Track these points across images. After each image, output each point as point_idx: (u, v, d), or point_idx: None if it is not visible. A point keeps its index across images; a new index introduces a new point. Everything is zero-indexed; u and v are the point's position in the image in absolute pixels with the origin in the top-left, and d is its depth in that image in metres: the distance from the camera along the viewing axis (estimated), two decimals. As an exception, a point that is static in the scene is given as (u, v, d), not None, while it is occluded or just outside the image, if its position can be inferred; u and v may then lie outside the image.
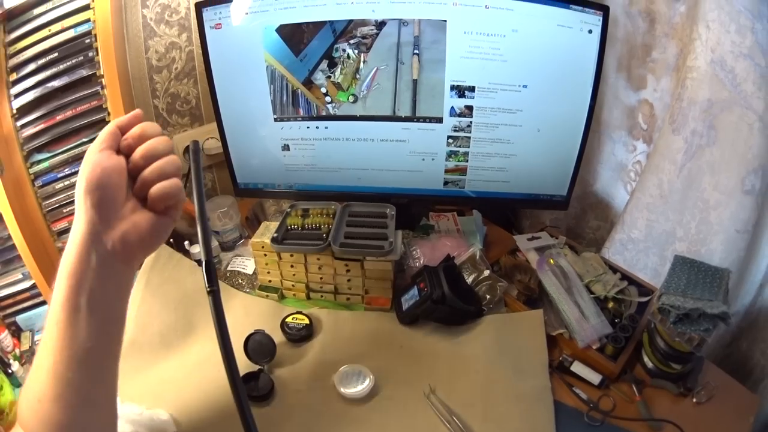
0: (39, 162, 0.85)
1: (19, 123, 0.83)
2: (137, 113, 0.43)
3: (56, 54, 0.82)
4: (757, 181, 0.73)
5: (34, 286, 0.88)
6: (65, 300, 0.38)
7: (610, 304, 0.76)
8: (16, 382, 0.75)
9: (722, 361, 0.78)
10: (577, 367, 0.69)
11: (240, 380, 0.35)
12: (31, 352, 0.82)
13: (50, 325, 0.38)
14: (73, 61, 0.82)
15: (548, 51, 0.73)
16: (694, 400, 0.65)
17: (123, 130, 0.41)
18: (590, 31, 0.72)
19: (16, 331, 0.87)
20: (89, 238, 0.38)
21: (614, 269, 0.81)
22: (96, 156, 0.39)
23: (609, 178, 0.97)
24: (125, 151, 0.41)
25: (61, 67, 0.82)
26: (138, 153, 0.40)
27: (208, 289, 0.36)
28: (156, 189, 0.40)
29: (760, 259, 0.79)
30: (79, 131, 0.84)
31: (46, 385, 0.38)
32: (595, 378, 0.67)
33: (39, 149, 0.85)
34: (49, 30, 0.82)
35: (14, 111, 0.82)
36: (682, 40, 0.80)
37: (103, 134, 0.41)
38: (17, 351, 0.82)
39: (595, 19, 0.72)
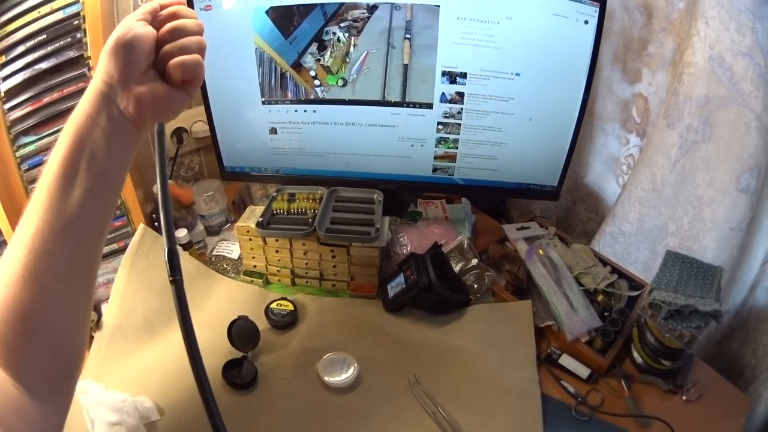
0: (25, 145, 0.83)
1: (6, 106, 0.82)
2: None
3: (44, 36, 0.81)
4: (753, 180, 0.72)
5: (19, 271, 0.87)
6: (64, 158, 0.36)
7: (600, 297, 0.75)
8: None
9: (712, 360, 0.78)
10: (566, 360, 0.68)
11: (205, 374, 0.34)
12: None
13: (40, 187, 0.37)
14: (61, 42, 0.80)
15: (543, 40, 0.72)
16: (684, 397, 0.65)
17: (163, 7, 0.42)
18: (586, 22, 0.72)
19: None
20: (104, 94, 0.38)
21: (604, 262, 0.81)
22: (131, 22, 0.39)
23: (601, 170, 0.97)
24: (158, 27, 0.41)
25: (49, 48, 0.81)
26: (166, 27, 0.40)
27: (171, 279, 0.34)
28: (175, 60, 0.39)
29: (753, 259, 0.79)
30: (66, 113, 0.82)
31: (18, 264, 0.35)
32: (583, 372, 0.67)
33: (26, 132, 0.84)
34: (38, 12, 0.81)
35: (2, 93, 0.81)
36: (680, 35, 0.79)
37: (144, 7, 0.41)
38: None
39: (591, 10, 0.71)
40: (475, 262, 0.76)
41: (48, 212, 0.36)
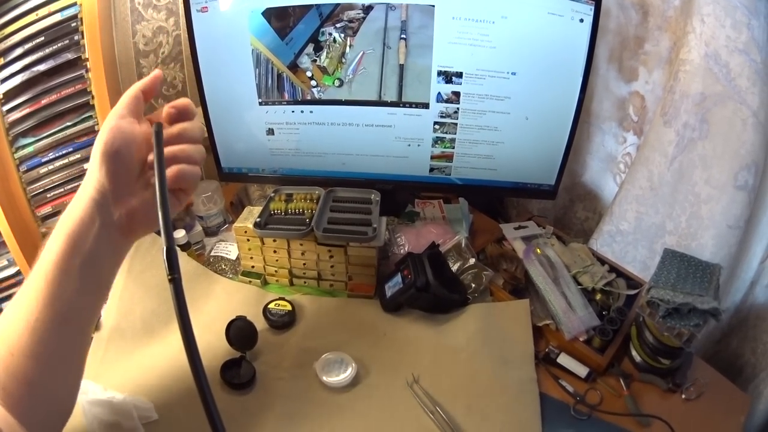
0: (24, 147, 0.84)
1: (5, 108, 0.82)
2: (158, 75, 0.43)
3: (43, 38, 0.81)
4: (750, 177, 0.72)
5: (18, 273, 0.88)
6: (59, 259, 0.38)
7: (598, 296, 0.75)
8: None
9: (712, 358, 0.78)
10: (564, 359, 0.68)
11: (203, 373, 0.34)
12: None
13: (37, 279, 0.38)
14: (59, 44, 0.81)
15: (538, 39, 0.72)
16: (683, 396, 0.64)
17: (146, 93, 0.42)
18: (581, 20, 0.72)
19: (1, 317, 0.86)
20: (97, 203, 0.38)
21: (602, 261, 0.80)
22: (117, 121, 0.39)
23: (598, 169, 0.97)
24: (165, 120, 0.41)
25: (48, 50, 0.81)
26: (176, 128, 0.41)
27: (170, 277, 0.34)
28: (177, 170, 0.40)
29: (752, 256, 0.79)
30: (64, 115, 0.83)
31: (22, 339, 0.37)
32: (581, 371, 0.66)
33: (24, 134, 0.84)
34: (36, 14, 0.81)
35: (0, 96, 0.82)
36: (676, 33, 0.79)
37: (126, 98, 0.40)
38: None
39: (586, 9, 0.71)
40: (472, 261, 0.76)
41: (47, 305, 0.38)
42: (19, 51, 0.82)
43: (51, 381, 0.39)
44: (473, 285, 0.75)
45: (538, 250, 0.78)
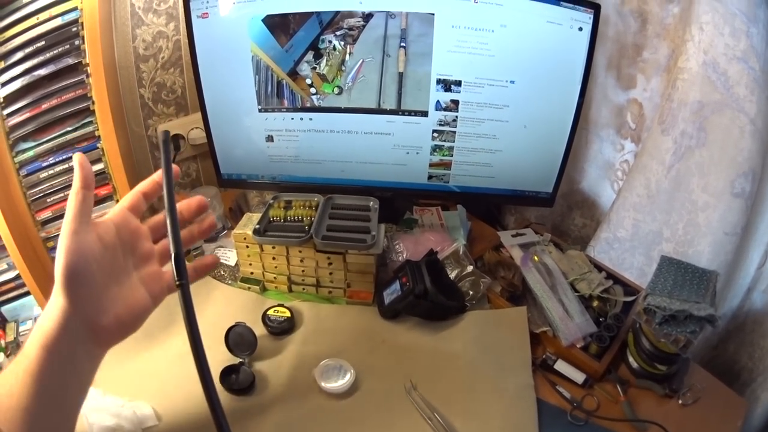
0: (24, 151, 0.84)
1: (6, 111, 0.82)
2: (159, 180, 0.44)
3: (43, 42, 0.81)
4: (747, 185, 0.72)
5: (18, 277, 0.88)
6: (33, 369, 0.36)
7: (595, 303, 0.75)
8: (1, 373, 0.75)
9: (708, 363, 0.78)
10: (561, 366, 0.68)
11: (210, 377, 0.34)
12: (15, 344, 0.82)
13: (17, 372, 0.37)
14: (60, 49, 0.81)
15: (537, 47, 0.73)
16: (680, 401, 0.65)
17: (147, 196, 0.44)
18: (580, 29, 0.72)
19: (1, 322, 0.86)
20: (63, 328, 0.37)
21: (599, 268, 0.81)
22: (69, 239, 0.36)
23: (596, 176, 0.97)
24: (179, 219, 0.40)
25: (48, 55, 0.81)
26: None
27: (177, 283, 0.34)
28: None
29: (749, 263, 0.79)
30: (65, 120, 0.83)
31: (6, 420, 0.37)
32: (578, 377, 0.67)
33: (24, 138, 0.84)
34: (37, 18, 0.81)
35: (1, 99, 0.82)
36: (674, 41, 0.79)
37: (78, 206, 0.38)
38: (2, 342, 0.82)
39: (585, 17, 0.72)
40: (470, 268, 0.77)
41: (33, 393, 0.37)
42: (19, 55, 0.81)
43: None
44: (471, 292, 0.75)
45: (536, 258, 0.79)
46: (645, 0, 0.82)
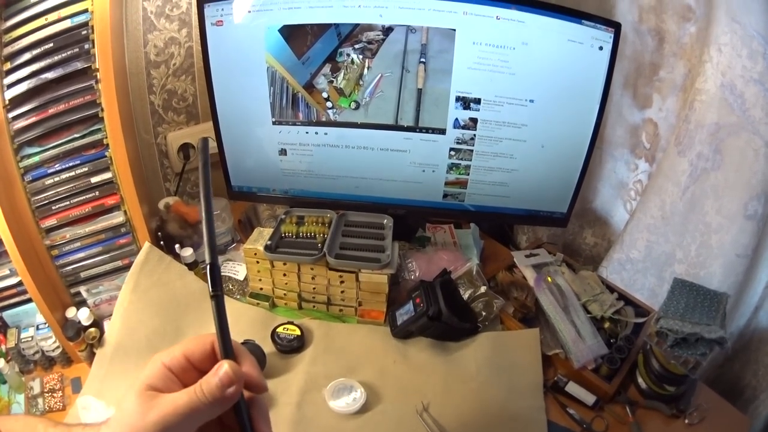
0: (29, 156, 0.82)
1: (11, 114, 0.80)
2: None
3: (51, 44, 0.79)
4: (760, 207, 0.72)
5: (20, 283, 0.86)
6: None
7: (607, 324, 0.75)
8: (1, 379, 0.73)
9: (714, 381, 0.78)
10: (572, 388, 0.68)
11: (243, 396, 0.32)
12: (16, 350, 0.80)
13: None
14: (69, 52, 0.79)
15: (557, 66, 0.72)
16: (687, 421, 0.65)
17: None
18: (601, 48, 0.71)
19: (2, 328, 0.85)
20: None
21: (611, 289, 0.81)
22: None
23: (609, 195, 0.96)
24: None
25: (56, 58, 0.79)
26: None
27: (212, 294, 0.32)
28: None
29: (757, 283, 0.79)
30: (72, 126, 0.81)
31: None
32: (589, 399, 0.67)
33: (30, 143, 0.82)
34: (46, 19, 0.79)
35: (6, 102, 0.80)
36: (691, 60, 0.79)
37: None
38: (3, 348, 0.80)
39: (606, 36, 0.71)
40: (483, 289, 0.76)
41: None
42: (26, 56, 0.79)
43: None
44: (484, 313, 0.75)
45: (549, 279, 0.78)
46: (662, 18, 0.81)
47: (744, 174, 0.72)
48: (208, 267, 0.33)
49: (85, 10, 0.78)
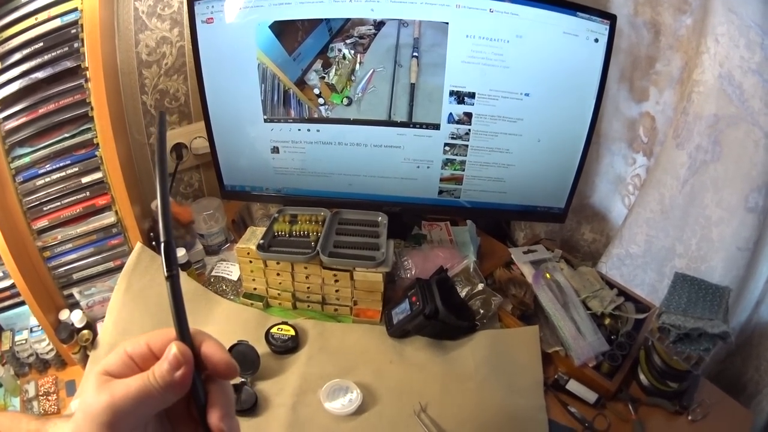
0: (20, 157, 0.81)
1: (1, 115, 0.79)
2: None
3: (41, 44, 0.78)
4: (761, 199, 0.71)
5: (13, 286, 0.85)
6: None
7: (607, 321, 0.74)
8: (-5, 382, 0.72)
9: (716, 377, 0.78)
10: (573, 386, 0.67)
11: (200, 381, 0.30)
12: (11, 353, 0.79)
13: None
14: (58, 51, 0.78)
15: (552, 59, 0.71)
16: (690, 417, 0.64)
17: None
18: (596, 40, 0.71)
19: (-3, 331, 0.84)
20: None
21: (611, 285, 0.80)
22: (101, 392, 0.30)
23: (606, 190, 0.95)
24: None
25: (46, 57, 0.78)
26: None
27: (167, 275, 0.30)
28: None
29: (759, 277, 0.78)
30: (62, 126, 0.80)
31: None
32: (590, 397, 0.66)
33: (21, 143, 0.81)
34: (36, 18, 0.78)
35: (-3, 103, 0.79)
36: (687, 53, 0.78)
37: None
38: (-3, 351, 0.79)
39: (601, 28, 0.70)
40: (481, 286, 0.75)
41: None
42: (16, 56, 0.78)
43: None
44: (482, 311, 0.73)
45: (548, 275, 0.77)
46: (658, 11, 0.80)
47: (744, 166, 0.71)
48: (162, 246, 0.30)
49: (75, 9, 0.77)
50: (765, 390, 0.71)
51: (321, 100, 0.76)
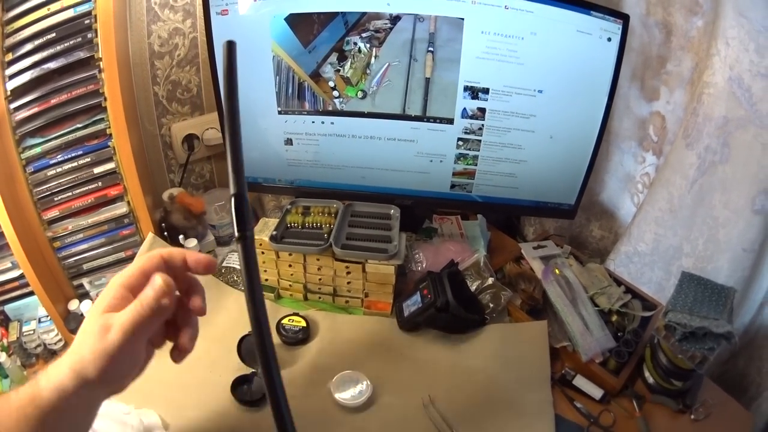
0: (31, 147, 0.81)
1: (13, 105, 0.79)
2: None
3: (54, 34, 0.78)
4: (767, 202, 0.71)
5: (22, 276, 0.85)
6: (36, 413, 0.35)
7: (614, 318, 0.75)
8: (3, 373, 0.72)
9: (719, 378, 0.78)
10: (580, 381, 0.68)
11: (272, 347, 0.28)
12: (18, 344, 0.79)
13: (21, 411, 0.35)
14: (71, 42, 0.78)
15: (566, 56, 0.71)
16: (692, 417, 0.65)
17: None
18: (609, 39, 0.71)
19: (4, 321, 0.84)
20: (82, 393, 0.36)
21: (618, 282, 0.80)
22: (109, 320, 0.35)
23: (616, 188, 0.96)
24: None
25: (59, 48, 0.78)
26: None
27: (238, 235, 0.27)
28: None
29: (763, 279, 0.79)
30: (74, 116, 0.80)
31: None
32: (596, 392, 0.66)
33: (32, 134, 0.81)
34: (48, 9, 0.78)
35: (8, 92, 0.79)
36: (698, 54, 0.78)
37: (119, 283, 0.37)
38: (5, 341, 0.79)
39: (614, 27, 0.71)
40: (491, 281, 0.75)
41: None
42: (29, 46, 0.78)
43: None
44: (491, 305, 0.74)
45: (557, 271, 0.78)
46: (670, 12, 0.81)
47: (752, 168, 0.72)
48: (233, 200, 0.27)
49: (88, 0, 0.77)
50: (766, 393, 0.72)
51: (336, 93, 0.76)
